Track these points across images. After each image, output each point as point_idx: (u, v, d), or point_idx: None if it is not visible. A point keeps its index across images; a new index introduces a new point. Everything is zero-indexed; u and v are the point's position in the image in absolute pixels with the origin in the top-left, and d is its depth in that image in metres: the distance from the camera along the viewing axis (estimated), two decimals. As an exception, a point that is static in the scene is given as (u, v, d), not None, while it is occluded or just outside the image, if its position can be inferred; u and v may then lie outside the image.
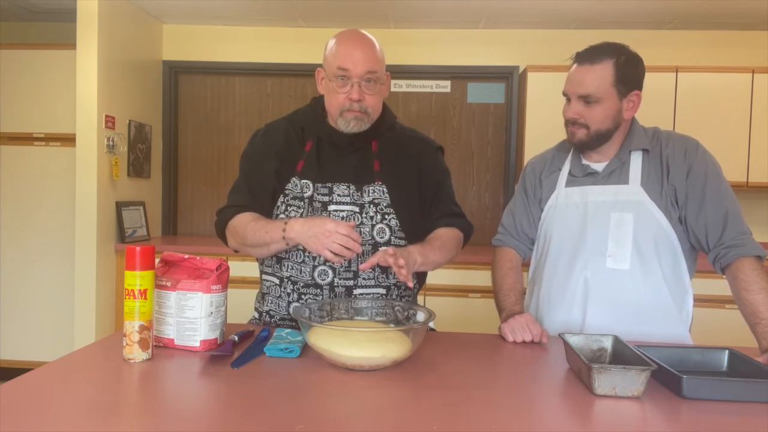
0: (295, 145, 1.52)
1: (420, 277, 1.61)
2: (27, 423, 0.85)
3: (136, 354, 1.14)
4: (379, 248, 1.43)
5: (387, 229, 1.47)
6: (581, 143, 1.49)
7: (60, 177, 3.57)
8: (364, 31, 1.46)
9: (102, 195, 3.34)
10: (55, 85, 3.53)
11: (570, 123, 1.49)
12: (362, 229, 1.44)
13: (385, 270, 1.47)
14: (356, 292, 1.45)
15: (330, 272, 1.44)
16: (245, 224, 1.45)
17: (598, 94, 1.42)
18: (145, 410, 0.94)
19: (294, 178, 1.48)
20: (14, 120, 3.57)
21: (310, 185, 1.47)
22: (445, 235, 1.52)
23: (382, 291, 1.47)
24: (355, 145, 1.50)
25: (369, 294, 1.46)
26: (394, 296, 1.50)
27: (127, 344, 1.14)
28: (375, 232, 1.45)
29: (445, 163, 1.65)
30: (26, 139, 3.58)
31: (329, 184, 1.47)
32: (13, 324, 3.63)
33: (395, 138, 1.56)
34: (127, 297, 1.14)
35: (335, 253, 1.29)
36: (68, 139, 3.50)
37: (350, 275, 1.44)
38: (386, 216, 1.47)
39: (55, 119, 3.54)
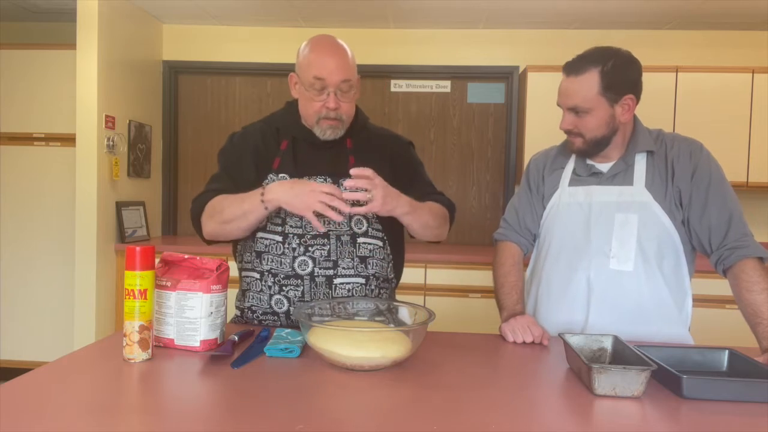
0: (271, 144, 1.55)
1: (397, 270, 1.62)
2: (27, 423, 0.85)
3: (136, 354, 1.14)
4: (357, 239, 1.47)
5: (364, 220, 1.49)
6: (581, 152, 1.50)
7: (60, 177, 3.57)
8: (335, 38, 1.49)
9: (102, 195, 3.34)
10: (55, 85, 3.54)
11: (567, 133, 1.50)
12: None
13: (364, 260, 1.48)
14: (336, 281, 1.46)
15: (310, 262, 1.45)
16: (221, 200, 1.45)
17: (586, 104, 1.42)
18: (145, 410, 0.94)
19: (271, 175, 1.50)
20: (14, 120, 3.58)
21: (288, 178, 1.48)
22: (434, 204, 1.53)
23: (362, 280, 1.48)
24: (330, 142, 1.52)
25: (349, 283, 1.47)
26: (373, 286, 1.51)
27: (127, 344, 1.14)
28: (353, 223, 1.48)
29: (417, 156, 1.68)
30: (26, 139, 3.58)
31: (306, 178, 1.48)
32: (13, 324, 3.63)
33: (368, 136, 1.60)
34: (127, 297, 1.14)
35: (319, 215, 1.29)
36: (68, 139, 3.50)
37: (330, 265, 1.46)
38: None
39: (55, 119, 3.55)
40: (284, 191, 1.32)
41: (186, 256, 1.29)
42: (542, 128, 3.50)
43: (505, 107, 4.03)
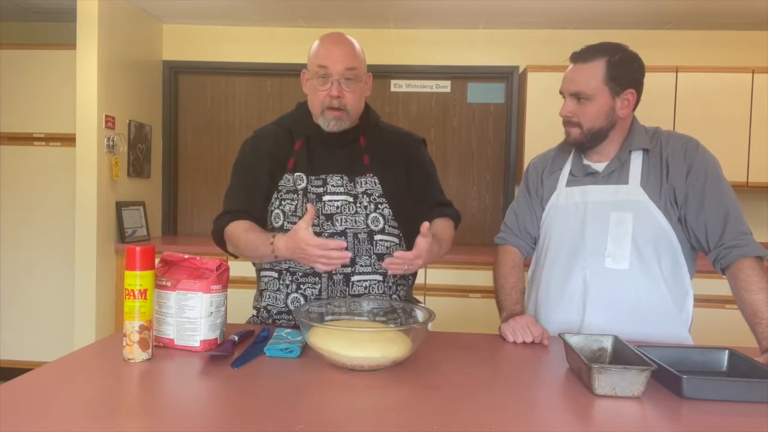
0: (284, 145, 1.56)
1: None
2: (27, 423, 0.85)
3: (136, 354, 1.14)
4: (374, 236, 1.49)
5: (381, 218, 1.50)
6: (576, 142, 1.50)
7: (60, 177, 3.57)
8: (344, 34, 1.51)
9: (102, 195, 3.34)
10: (55, 85, 3.53)
11: (565, 122, 1.50)
12: (357, 218, 1.48)
13: (381, 257, 1.49)
14: (354, 279, 1.47)
15: None
16: (238, 236, 1.47)
17: (589, 91, 1.43)
18: (145, 410, 0.94)
19: (286, 175, 1.52)
20: (14, 120, 3.57)
21: (304, 177, 1.50)
22: (444, 225, 1.58)
23: (379, 278, 1.50)
24: (344, 141, 1.54)
25: (366, 281, 1.48)
26: (390, 284, 1.52)
27: (127, 344, 1.14)
28: (369, 221, 1.49)
29: (429, 155, 1.69)
30: (26, 139, 3.57)
31: (323, 176, 1.50)
32: (13, 324, 3.63)
33: (381, 134, 1.61)
34: (127, 297, 1.14)
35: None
36: (68, 139, 3.50)
37: (347, 263, 1.44)
38: (379, 206, 1.50)
39: (55, 119, 3.54)
40: (288, 251, 1.34)
41: (186, 256, 1.29)
42: (542, 128, 3.50)
43: (505, 107, 4.03)
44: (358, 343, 1.11)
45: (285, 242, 1.34)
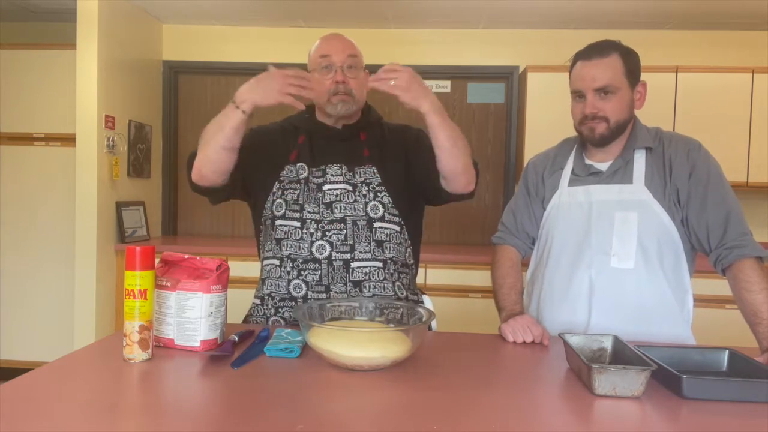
0: (289, 137, 1.60)
1: (416, 257, 1.64)
2: (27, 423, 0.85)
3: (136, 354, 1.14)
4: (374, 224, 1.50)
5: (380, 206, 1.51)
6: (602, 138, 1.47)
7: (60, 177, 3.57)
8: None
9: (102, 195, 3.34)
10: (55, 85, 3.53)
11: (588, 119, 1.46)
12: (356, 206, 1.50)
13: (380, 244, 1.50)
14: (353, 265, 1.48)
15: (327, 247, 1.48)
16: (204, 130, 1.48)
17: (615, 83, 1.44)
18: (145, 410, 0.94)
19: (289, 166, 1.55)
20: (14, 120, 3.57)
21: (306, 167, 1.54)
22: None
23: (379, 264, 1.50)
24: (345, 135, 1.57)
25: (366, 267, 1.49)
26: (391, 270, 1.52)
27: (127, 344, 1.14)
28: (369, 209, 1.50)
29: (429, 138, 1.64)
30: (26, 139, 3.58)
31: (323, 167, 1.54)
32: (13, 324, 3.63)
33: (382, 130, 1.65)
34: (127, 297, 1.14)
35: (293, 96, 1.32)
36: (68, 139, 3.50)
37: (347, 249, 1.49)
38: (378, 194, 1.52)
39: (55, 119, 3.54)
40: (252, 87, 1.35)
41: (186, 256, 1.29)
42: (542, 128, 3.50)
43: (505, 107, 4.03)
44: (358, 343, 1.11)
45: (248, 83, 1.37)
